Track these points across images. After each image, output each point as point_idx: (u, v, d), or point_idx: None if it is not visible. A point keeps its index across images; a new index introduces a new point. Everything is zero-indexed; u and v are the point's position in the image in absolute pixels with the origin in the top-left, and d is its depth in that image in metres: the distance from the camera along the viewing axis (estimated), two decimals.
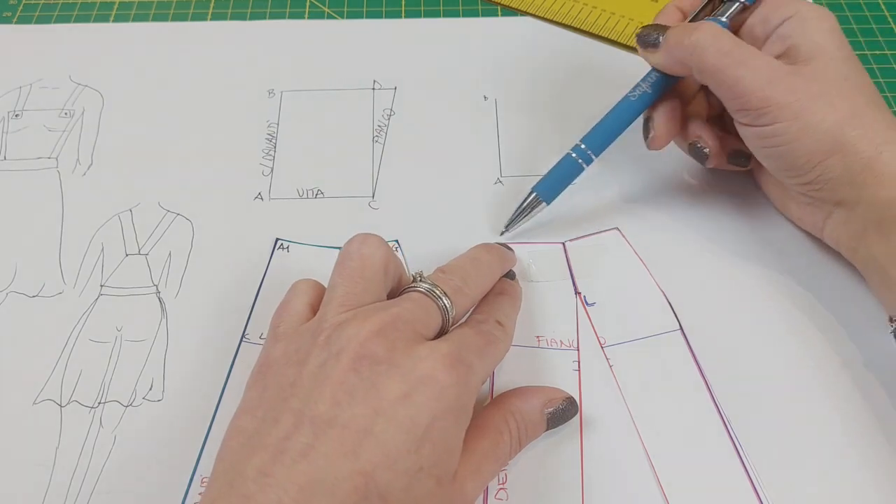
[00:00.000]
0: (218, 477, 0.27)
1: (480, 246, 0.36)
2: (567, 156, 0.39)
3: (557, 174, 0.40)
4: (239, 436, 0.28)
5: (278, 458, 0.26)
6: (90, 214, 0.42)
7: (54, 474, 0.33)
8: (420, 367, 0.28)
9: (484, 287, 0.34)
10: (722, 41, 0.35)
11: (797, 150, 0.35)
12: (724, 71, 0.35)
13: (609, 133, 0.39)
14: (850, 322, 0.37)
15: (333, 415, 0.27)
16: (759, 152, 0.37)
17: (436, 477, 0.27)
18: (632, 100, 0.39)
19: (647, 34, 0.38)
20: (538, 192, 0.40)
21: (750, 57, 0.35)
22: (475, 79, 0.48)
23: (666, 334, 0.37)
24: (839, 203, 0.36)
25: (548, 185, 0.40)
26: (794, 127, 0.34)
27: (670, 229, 0.41)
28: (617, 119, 0.39)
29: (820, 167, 0.35)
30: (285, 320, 0.31)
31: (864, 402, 0.35)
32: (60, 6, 0.52)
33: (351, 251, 0.31)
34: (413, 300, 0.31)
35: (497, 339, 0.32)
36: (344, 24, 0.51)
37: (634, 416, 0.34)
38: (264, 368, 0.30)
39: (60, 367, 0.36)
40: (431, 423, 0.27)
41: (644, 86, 0.39)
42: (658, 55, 0.38)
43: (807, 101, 0.34)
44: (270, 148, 0.44)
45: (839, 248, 0.38)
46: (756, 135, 0.36)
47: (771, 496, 0.32)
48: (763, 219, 0.41)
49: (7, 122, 0.46)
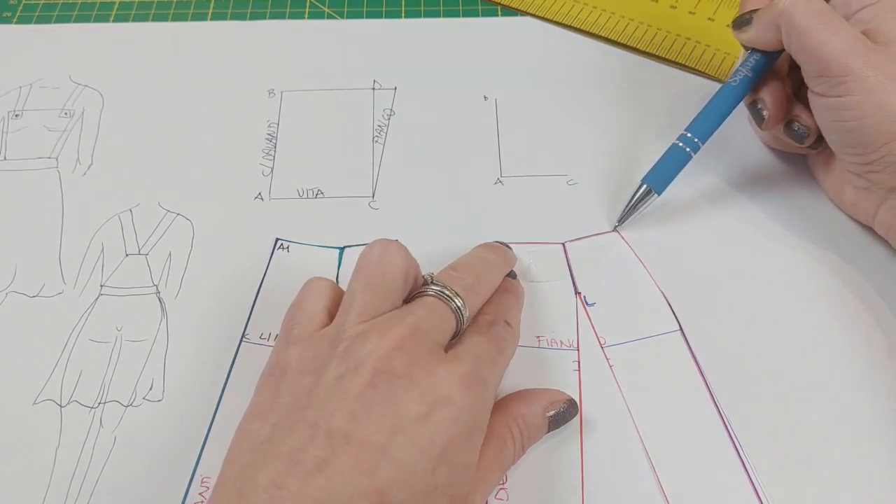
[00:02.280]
0: (227, 482, 0.27)
1: (485, 245, 0.36)
2: (674, 145, 0.40)
3: (666, 163, 0.40)
4: (249, 440, 0.28)
5: (292, 470, 0.26)
6: (90, 214, 0.42)
7: (54, 474, 0.33)
8: (439, 388, 0.28)
9: (493, 285, 0.34)
10: (813, 3, 0.36)
11: (867, 125, 0.35)
12: (811, 33, 0.35)
13: (714, 119, 0.40)
14: (850, 322, 0.37)
15: (350, 430, 0.26)
16: (826, 125, 0.37)
17: (449, 496, 0.27)
18: (733, 85, 0.40)
19: (741, 16, 0.39)
20: (648, 183, 0.40)
21: (838, 24, 0.36)
22: (475, 79, 0.48)
23: (666, 334, 0.37)
24: (895, 189, 0.36)
25: (657, 174, 0.40)
26: (867, 102, 0.35)
27: (670, 229, 0.41)
28: (720, 105, 0.40)
29: (885, 148, 0.35)
30: (300, 322, 0.31)
31: (864, 403, 0.35)
32: (60, 6, 0.52)
33: (372, 259, 0.31)
34: (428, 306, 0.30)
35: (507, 343, 0.32)
36: (344, 24, 0.51)
37: (634, 416, 0.34)
38: (277, 372, 0.29)
39: (60, 367, 0.36)
40: (448, 444, 0.27)
41: (744, 70, 0.40)
42: (751, 29, 0.38)
43: (884, 80, 0.34)
44: (270, 148, 0.44)
45: (889, 235, 0.38)
46: (828, 106, 0.36)
47: (771, 496, 0.32)
48: (763, 219, 0.41)
49: (7, 122, 0.46)
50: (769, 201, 0.42)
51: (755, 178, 0.43)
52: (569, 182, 0.43)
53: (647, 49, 0.49)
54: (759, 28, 0.38)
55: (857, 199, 0.39)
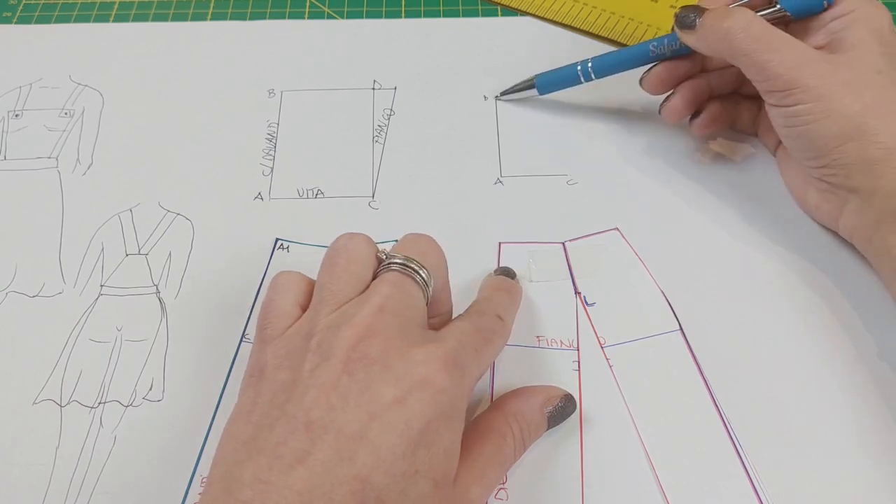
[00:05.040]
0: (214, 483, 0.27)
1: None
2: (573, 65, 0.44)
3: (558, 75, 0.44)
4: (233, 441, 0.28)
5: (274, 465, 0.26)
6: (90, 214, 0.42)
7: (54, 474, 0.33)
8: (415, 371, 0.28)
9: (439, 256, 0.33)
10: (753, 27, 0.37)
11: (816, 131, 0.36)
12: (753, 55, 0.36)
13: (615, 65, 0.43)
14: (849, 322, 0.37)
15: (329, 419, 0.26)
16: (782, 132, 0.38)
17: (433, 480, 0.27)
18: (650, 52, 0.41)
19: (685, 15, 0.39)
20: (537, 82, 0.45)
21: (780, 42, 0.37)
22: (475, 79, 0.48)
23: (666, 334, 0.37)
24: (854, 190, 0.36)
25: (547, 79, 0.45)
26: (816, 108, 0.36)
27: (670, 229, 0.41)
28: (627, 57, 0.43)
29: (836, 152, 0.36)
30: (272, 322, 0.31)
31: (864, 403, 0.35)
32: (60, 6, 0.52)
33: (338, 247, 0.31)
34: (391, 282, 0.30)
35: (495, 335, 0.32)
36: (344, 24, 0.51)
37: (634, 416, 0.34)
38: (256, 373, 0.30)
39: (60, 367, 0.36)
40: (426, 427, 0.27)
41: (667, 48, 0.41)
42: (693, 37, 0.39)
43: (832, 86, 0.35)
44: (270, 148, 0.44)
45: (853, 238, 0.38)
46: (781, 114, 0.37)
47: (770, 496, 0.32)
48: (763, 219, 0.41)
49: (7, 121, 0.46)
50: (772, 201, 0.42)
51: (756, 178, 0.43)
52: (569, 182, 0.43)
53: None
54: (701, 43, 0.39)
55: (819, 201, 0.39)
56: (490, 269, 0.39)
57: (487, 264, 0.39)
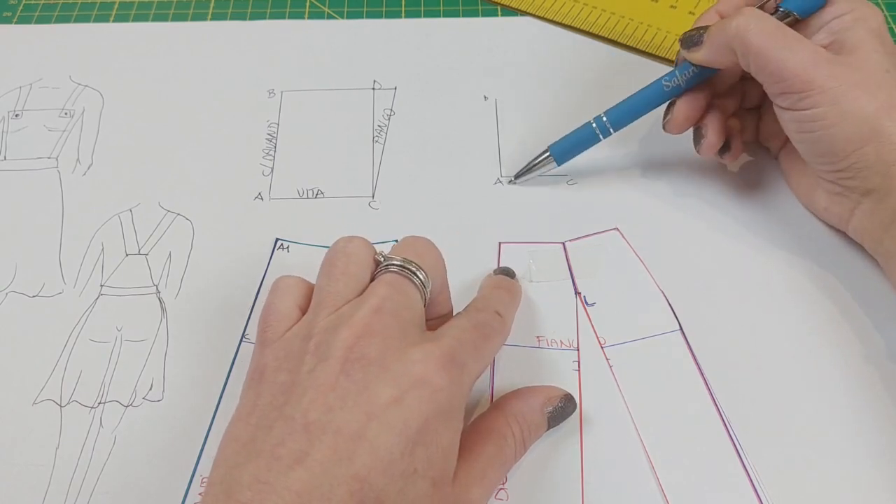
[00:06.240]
0: (214, 485, 0.27)
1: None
2: (587, 124, 0.41)
3: (574, 139, 0.41)
4: (233, 443, 0.28)
5: (273, 466, 0.26)
6: (90, 214, 0.42)
7: (54, 474, 0.33)
8: (413, 371, 0.28)
9: (436, 259, 0.33)
10: (766, 23, 0.36)
11: (835, 135, 0.35)
12: (769, 53, 0.35)
13: (632, 113, 0.41)
14: (849, 322, 0.37)
15: (327, 420, 0.26)
16: (795, 137, 0.37)
17: (431, 479, 0.27)
18: (664, 89, 0.40)
19: (690, 35, 0.38)
20: (553, 153, 0.41)
21: (794, 40, 0.36)
22: (475, 79, 0.48)
23: (666, 334, 0.37)
24: (868, 192, 0.36)
25: (563, 147, 0.41)
26: (832, 112, 0.35)
27: (670, 229, 0.41)
28: (643, 101, 0.40)
29: (855, 155, 0.35)
30: (272, 325, 0.31)
31: (864, 403, 0.35)
32: (60, 6, 0.52)
33: (336, 250, 0.32)
34: (388, 283, 0.30)
35: (494, 332, 0.32)
36: (344, 24, 0.51)
37: (634, 416, 0.34)
38: (256, 375, 0.30)
39: (60, 367, 0.36)
40: (424, 426, 0.27)
41: (679, 79, 0.39)
42: (701, 50, 0.38)
43: (847, 88, 0.35)
44: (270, 148, 0.44)
45: (863, 240, 0.38)
46: (795, 119, 0.36)
47: (770, 496, 0.32)
48: (763, 220, 0.41)
49: (7, 122, 0.46)
50: (772, 201, 0.42)
51: (756, 177, 0.43)
52: (569, 182, 0.43)
53: (648, 49, 0.49)
54: (711, 50, 0.38)
55: (829, 204, 0.39)
56: (490, 269, 0.39)
57: (487, 264, 0.39)
